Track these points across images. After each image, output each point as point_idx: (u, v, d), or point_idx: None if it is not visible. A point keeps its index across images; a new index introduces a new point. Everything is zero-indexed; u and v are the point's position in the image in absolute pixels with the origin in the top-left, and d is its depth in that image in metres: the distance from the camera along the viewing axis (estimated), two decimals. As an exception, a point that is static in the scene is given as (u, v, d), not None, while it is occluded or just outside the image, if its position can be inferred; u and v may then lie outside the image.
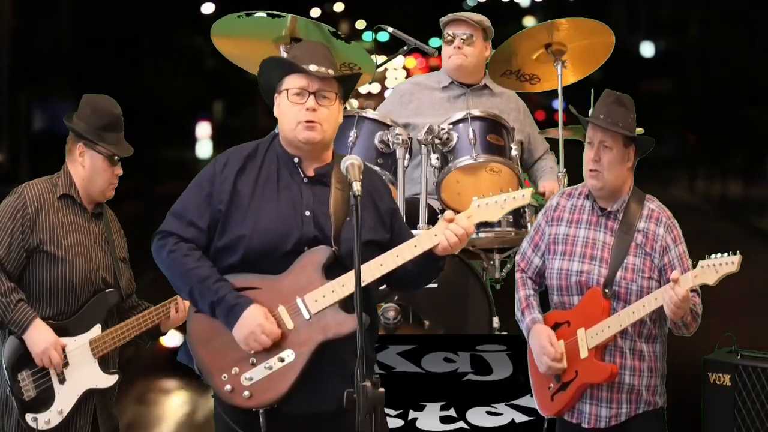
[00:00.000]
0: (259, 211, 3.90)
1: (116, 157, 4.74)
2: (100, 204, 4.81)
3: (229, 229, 3.90)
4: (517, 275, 4.61)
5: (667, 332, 4.46)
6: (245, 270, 3.88)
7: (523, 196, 3.96)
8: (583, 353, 4.34)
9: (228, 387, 3.86)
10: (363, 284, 3.73)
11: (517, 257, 4.65)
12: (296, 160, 3.98)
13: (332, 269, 3.86)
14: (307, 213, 3.91)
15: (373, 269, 3.85)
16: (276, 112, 4.03)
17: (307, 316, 3.85)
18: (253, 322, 3.81)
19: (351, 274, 3.76)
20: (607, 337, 4.31)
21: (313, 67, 3.93)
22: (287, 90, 3.95)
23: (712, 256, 4.15)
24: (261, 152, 4.01)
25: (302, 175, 3.97)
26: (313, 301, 3.85)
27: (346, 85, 4.04)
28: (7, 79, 12.08)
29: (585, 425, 4.41)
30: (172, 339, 5.37)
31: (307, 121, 3.91)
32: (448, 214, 3.91)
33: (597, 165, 4.39)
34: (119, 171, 4.77)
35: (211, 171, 3.98)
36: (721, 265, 4.11)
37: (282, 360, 3.84)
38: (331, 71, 3.95)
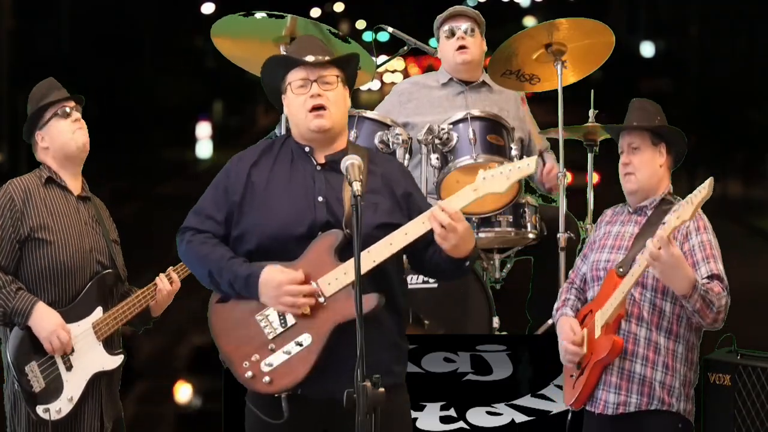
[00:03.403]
0: (272, 200, 3.97)
1: (66, 109, 4.75)
2: (85, 188, 4.83)
3: (244, 218, 3.99)
4: (564, 285, 4.66)
5: (700, 340, 4.42)
6: (261, 257, 3.94)
7: (528, 165, 3.91)
8: (597, 333, 4.34)
9: (249, 374, 3.92)
10: (374, 264, 3.82)
11: (570, 272, 4.67)
12: (307, 149, 4.05)
13: (345, 252, 3.89)
14: (320, 198, 3.97)
15: (383, 249, 3.86)
16: (286, 111, 4.10)
17: (322, 299, 3.88)
18: (273, 283, 3.86)
19: (363, 254, 3.79)
20: (613, 310, 4.28)
21: (309, 58, 4.02)
22: (290, 84, 4.03)
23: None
24: (276, 146, 4.11)
25: (314, 163, 4.03)
26: (327, 284, 3.88)
27: (347, 69, 4.10)
28: (7, 79, 12.07)
29: (596, 411, 4.39)
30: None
31: (314, 108, 3.98)
32: (441, 202, 3.91)
33: (629, 167, 4.43)
34: (76, 116, 4.78)
35: (227, 167, 4.11)
36: (695, 195, 4.07)
37: (300, 344, 3.88)
38: (327, 57, 4.04)
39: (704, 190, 4.04)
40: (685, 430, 4.39)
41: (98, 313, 4.70)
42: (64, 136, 4.75)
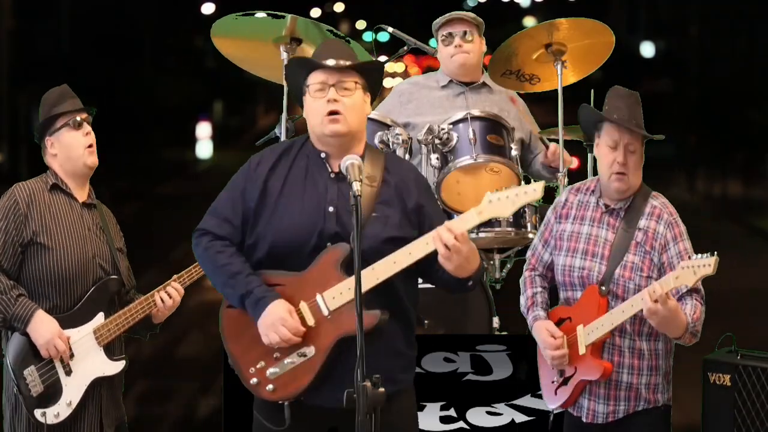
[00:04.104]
0: (284, 209, 3.96)
1: (78, 119, 4.76)
2: (91, 195, 4.83)
3: (257, 226, 3.99)
4: (526, 273, 4.61)
5: None
6: (271, 265, 3.95)
7: (535, 191, 3.88)
8: (581, 350, 4.36)
9: (254, 380, 3.95)
10: (377, 281, 3.83)
11: (528, 254, 4.65)
12: (323, 155, 4.02)
13: (352, 266, 3.86)
14: (331, 209, 3.95)
15: (387, 267, 3.87)
16: (304, 114, 4.08)
17: (326, 312, 3.89)
18: (276, 316, 3.88)
19: (366, 271, 3.82)
20: (601, 335, 4.32)
21: (330, 61, 3.98)
22: (309, 87, 4.01)
23: (694, 256, 4.15)
24: (295, 149, 4.08)
25: (329, 170, 4.01)
26: (332, 298, 3.90)
27: (368, 75, 4.06)
28: (7, 79, 12.07)
29: (584, 419, 4.43)
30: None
31: (330, 113, 3.96)
32: (447, 223, 3.90)
33: (624, 168, 4.37)
34: (88, 129, 4.79)
35: (246, 168, 4.08)
36: (699, 267, 4.08)
37: (303, 355, 3.91)
38: (349, 62, 3.99)
39: (709, 268, 4.05)
40: (665, 413, 4.46)
41: (100, 318, 4.70)
42: (74, 148, 4.76)
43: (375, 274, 3.85)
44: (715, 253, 4.05)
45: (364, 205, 3.89)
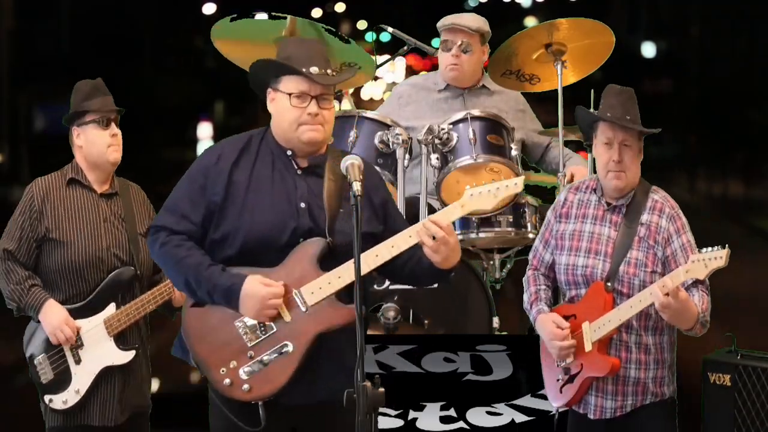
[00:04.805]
0: (254, 204, 3.89)
1: (106, 118, 4.84)
2: (113, 185, 4.91)
3: (225, 221, 3.89)
4: (529, 273, 4.63)
5: None
6: (242, 262, 3.87)
7: (516, 184, 3.94)
8: (588, 346, 4.36)
9: (227, 381, 3.87)
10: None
11: (530, 255, 4.67)
12: (289, 153, 3.97)
13: (326, 261, 3.86)
14: (302, 205, 3.91)
15: (369, 260, 3.85)
16: (270, 108, 4.00)
17: (303, 308, 3.86)
18: (256, 296, 3.81)
19: (347, 265, 3.78)
20: (608, 331, 4.32)
21: (314, 70, 3.91)
22: (289, 94, 3.93)
23: (703, 250, 4.15)
24: (255, 145, 4.00)
25: (296, 167, 3.97)
26: (310, 293, 3.85)
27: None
28: (7, 79, 12.09)
29: (591, 416, 4.43)
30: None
31: (309, 123, 3.92)
32: (430, 216, 3.91)
33: (620, 165, 4.38)
34: (115, 131, 4.86)
35: (205, 162, 3.97)
36: (710, 260, 4.09)
37: (280, 352, 3.85)
38: (329, 71, 3.94)
39: (721, 260, 4.07)
40: (671, 406, 4.47)
41: (111, 309, 4.79)
42: (98, 146, 4.84)
43: (377, 260, 3.85)
44: (726, 245, 4.06)
45: (331, 200, 3.90)
